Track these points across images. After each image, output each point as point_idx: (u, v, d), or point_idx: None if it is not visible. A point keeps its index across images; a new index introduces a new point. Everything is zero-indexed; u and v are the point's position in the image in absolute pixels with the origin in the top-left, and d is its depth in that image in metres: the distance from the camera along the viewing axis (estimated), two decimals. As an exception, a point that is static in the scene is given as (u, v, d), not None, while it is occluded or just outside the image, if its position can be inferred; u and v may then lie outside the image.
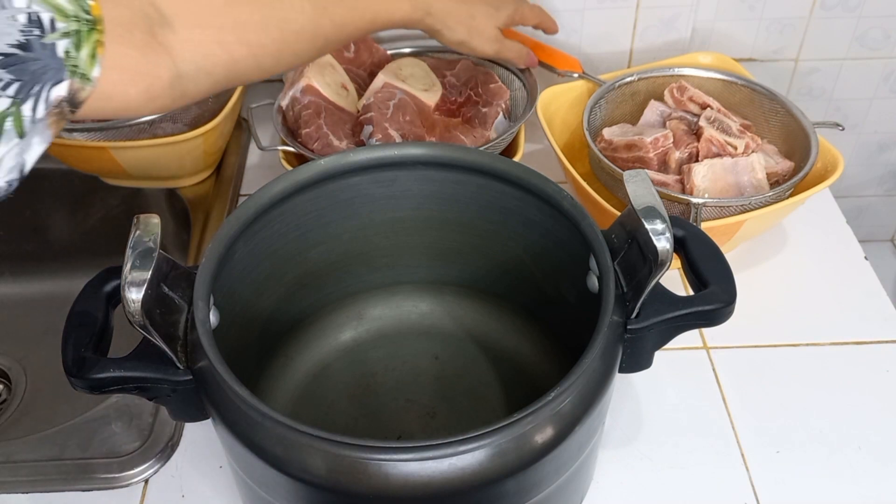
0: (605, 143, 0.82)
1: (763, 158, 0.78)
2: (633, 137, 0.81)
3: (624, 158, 0.81)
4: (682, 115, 0.84)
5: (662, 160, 0.81)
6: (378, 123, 0.81)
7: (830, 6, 1.01)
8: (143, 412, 0.70)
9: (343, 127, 0.84)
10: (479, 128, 0.85)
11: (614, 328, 0.52)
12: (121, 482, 0.66)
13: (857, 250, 0.84)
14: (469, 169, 0.63)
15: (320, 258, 0.68)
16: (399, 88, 0.85)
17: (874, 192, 1.24)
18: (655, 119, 0.85)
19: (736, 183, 0.76)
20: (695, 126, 0.82)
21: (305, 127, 0.81)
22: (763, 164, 0.77)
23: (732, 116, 0.83)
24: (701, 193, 0.75)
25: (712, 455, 0.67)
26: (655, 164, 0.80)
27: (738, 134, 0.80)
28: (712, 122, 0.81)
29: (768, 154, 0.81)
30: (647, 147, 0.79)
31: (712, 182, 0.76)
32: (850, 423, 0.69)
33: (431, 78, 0.90)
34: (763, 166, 0.77)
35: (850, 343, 0.75)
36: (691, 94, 0.85)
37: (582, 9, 0.98)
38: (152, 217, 0.51)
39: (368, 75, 0.91)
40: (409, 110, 0.83)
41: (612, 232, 0.57)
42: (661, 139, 0.80)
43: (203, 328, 0.50)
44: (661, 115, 0.85)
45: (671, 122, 0.83)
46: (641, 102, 0.88)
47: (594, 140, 0.81)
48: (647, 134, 0.80)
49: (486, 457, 0.46)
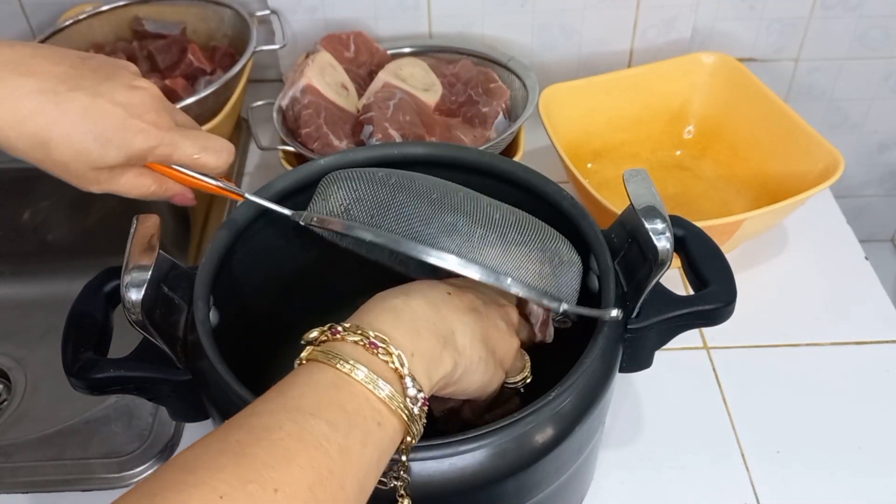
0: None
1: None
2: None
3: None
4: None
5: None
6: (378, 123, 0.81)
7: (830, 6, 1.01)
8: (143, 412, 0.70)
9: (343, 127, 0.83)
10: (479, 128, 0.85)
11: (614, 328, 0.52)
12: (121, 482, 0.66)
13: (857, 250, 0.84)
14: (469, 169, 0.63)
15: (320, 258, 0.68)
16: (399, 88, 0.85)
17: (874, 192, 1.24)
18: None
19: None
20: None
21: (305, 127, 0.81)
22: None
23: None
24: None
25: (712, 455, 0.67)
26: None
27: None
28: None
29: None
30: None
31: None
32: (850, 423, 0.69)
33: (431, 78, 0.90)
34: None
35: (850, 343, 0.75)
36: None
37: (582, 9, 0.98)
38: (152, 217, 0.51)
39: (368, 75, 0.91)
40: (409, 110, 0.83)
41: (612, 232, 0.57)
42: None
43: (203, 328, 0.50)
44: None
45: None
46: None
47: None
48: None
49: (486, 457, 0.46)
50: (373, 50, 0.93)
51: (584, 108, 0.90)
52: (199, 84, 0.90)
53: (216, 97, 0.86)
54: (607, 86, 0.91)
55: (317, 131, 0.81)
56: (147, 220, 0.50)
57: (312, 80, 0.83)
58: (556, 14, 0.98)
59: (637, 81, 0.92)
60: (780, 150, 0.85)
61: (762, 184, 0.86)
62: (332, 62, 0.88)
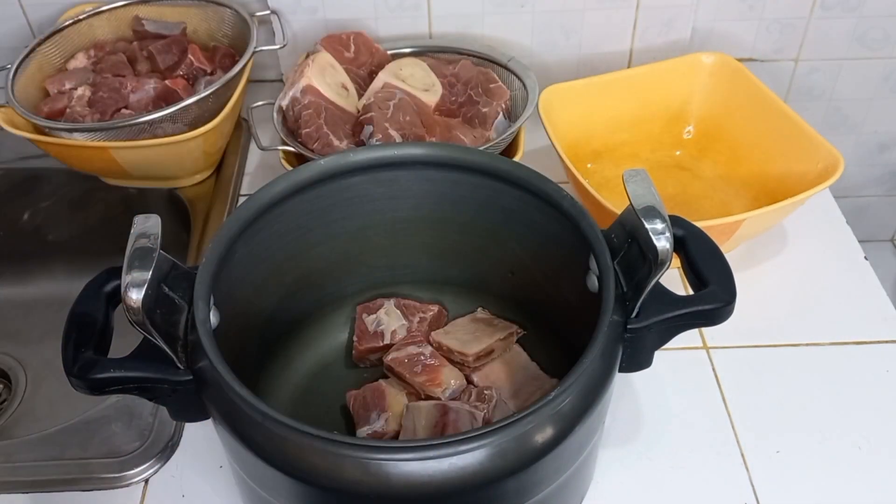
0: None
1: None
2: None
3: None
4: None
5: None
6: (378, 123, 0.81)
7: (830, 6, 1.01)
8: (143, 412, 0.70)
9: (343, 127, 0.84)
10: (479, 128, 0.85)
11: (614, 328, 0.52)
12: (121, 482, 0.66)
13: (857, 250, 0.84)
14: (469, 169, 0.63)
15: (320, 258, 0.68)
16: (399, 88, 0.85)
17: (874, 192, 1.24)
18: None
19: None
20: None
21: (305, 127, 0.81)
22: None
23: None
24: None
25: (712, 455, 0.67)
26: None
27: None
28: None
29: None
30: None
31: None
32: (850, 423, 0.69)
33: (431, 78, 0.90)
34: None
35: (850, 343, 0.75)
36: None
37: (582, 9, 0.98)
38: (152, 217, 0.51)
39: (368, 75, 0.91)
40: (409, 110, 0.83)
41: (612, 232, 0.57)
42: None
43: (203, 328, 0.50)
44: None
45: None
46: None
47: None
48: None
49: (486, 456, 0.46)
50: (373, 50, 0.93)
51: (583, 108, 0.90)
52: (200, 84, 0.90)
53: (216, 97, 0.86)
54: (607, 86, 0.91)
55: (317, 131, 0.81)
56: (147, 220, 0.50)
57: (313, 81, 0.83)
58: (556, 14, 0.98)
59: (637, 82, 0.92)
60: (780, 151, 0.85)
61: (762, 184, 0.86)
62: (333, 62, 0.88)
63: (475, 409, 0.60)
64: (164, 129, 0.85)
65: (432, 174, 0.64)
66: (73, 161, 0.88)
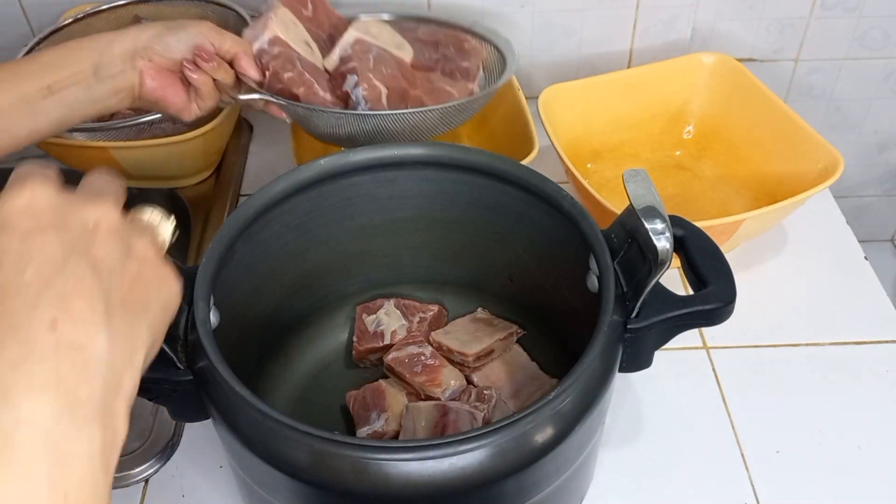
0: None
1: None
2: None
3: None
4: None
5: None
6: (362, 73, 0.76)
7: (830, 6, 1.01)
8: (143, 412, 0.70)
9: (320, 81, 0.78)
10: (461, 80, 0.82)
11: (614, 328, 0.52)
12: (121, 482, 0.66)
13: (857, 250, 0.84)
14: (469, 169, 0.63)
15: (320, 258, 0.68)
16: (373, 44, 0.80)
17: (874, 192, 1.24)
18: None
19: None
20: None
21: (285, 71, 0.74)
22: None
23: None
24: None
25: (712, 455, 0.67)
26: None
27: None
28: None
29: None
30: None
31: None
32: (850, 424, 0.69)
33: (400, 39, 0.85)
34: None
35: (850, 343, 0.75)
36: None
37: (582, 9, 0.98)
38: (152, 217, 0.51)
39: (328, 37, 0.85)
40: (390, 63, 0.79)
41: (612, 232, 0.57)
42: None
43: (203, 328, 0.50)
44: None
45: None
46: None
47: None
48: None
49: (486, 456, 0.46)
50: (329, 12, 0.86)
51: (583, 109, 0.90)
52: (199, 84, 0.90)
53: (216, 97, 0.86)
54: (607, 86, 0.91)
55: (300, 77, 0.75)
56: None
57: (278, 33, 0.77)
58: (556, 14, 0.98)
59: (637, 81, 0.92)
60: (780, 150, 0.85)
61: (762, 184, 0.86)
62: (294, 19, 0.82)
63: (475, 409, 0.60)
64: (164, 128, 0.84)
65: (432, 174, 0.64)
66: (73, 161, 0.88)
